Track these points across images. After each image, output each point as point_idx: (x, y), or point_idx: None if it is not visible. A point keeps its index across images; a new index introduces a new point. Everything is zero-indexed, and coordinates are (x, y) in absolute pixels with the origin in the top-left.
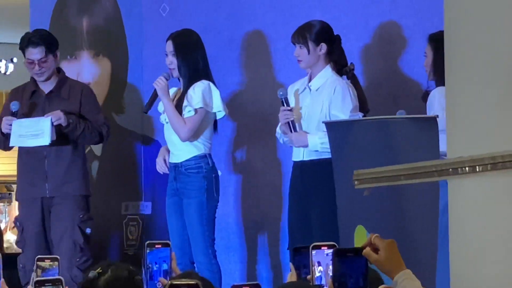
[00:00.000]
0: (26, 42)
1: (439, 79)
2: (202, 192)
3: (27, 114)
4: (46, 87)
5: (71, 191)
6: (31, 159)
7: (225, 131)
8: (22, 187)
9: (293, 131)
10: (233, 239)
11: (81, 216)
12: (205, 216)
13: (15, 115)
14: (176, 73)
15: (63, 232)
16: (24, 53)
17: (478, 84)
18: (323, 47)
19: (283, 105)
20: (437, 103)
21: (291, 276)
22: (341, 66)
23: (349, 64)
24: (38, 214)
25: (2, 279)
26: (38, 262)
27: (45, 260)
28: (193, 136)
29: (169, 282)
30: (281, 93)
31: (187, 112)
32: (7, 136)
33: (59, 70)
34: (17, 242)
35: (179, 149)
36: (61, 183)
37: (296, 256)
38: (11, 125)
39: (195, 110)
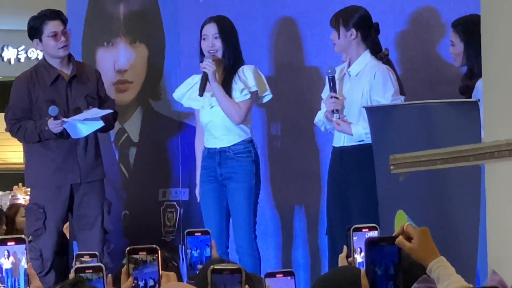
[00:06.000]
0: (44, 18)
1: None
2: (251, 176)
3: (51, 101)
4: (67, 71)
5: (98, 176)
6: (60, 145)
7: (260, 117)
8: (47, 172)
9: (335, 120)
10: (269, 226)
11: (110, 203)
12: (252, 201)
13: (56, 118)
14: (219, 56)
15: (93, 222)
16: (41, 33)
17: None
18: (353, 32)
19: (330, 85)
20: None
21: (342, 259)
22: (375, 52)
23: (383, 49)
24: (66, 201)
25: (29, 263)
26: (78, 258)
27: (84, 256)
28: (245, 119)
29: (212, 267)
30: (329, 71)
31: (244, 95)
32: (59, 133)
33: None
34: (34, 230)
35: (225, 133)
36: (91, 168)
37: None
38: (60, 125)
39: (251, 93)
